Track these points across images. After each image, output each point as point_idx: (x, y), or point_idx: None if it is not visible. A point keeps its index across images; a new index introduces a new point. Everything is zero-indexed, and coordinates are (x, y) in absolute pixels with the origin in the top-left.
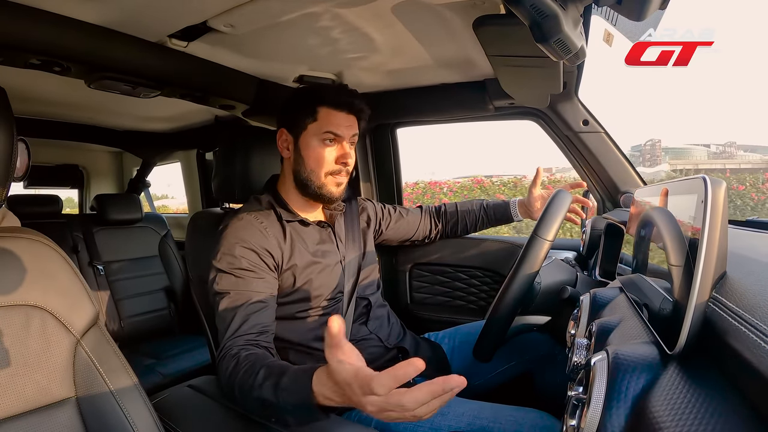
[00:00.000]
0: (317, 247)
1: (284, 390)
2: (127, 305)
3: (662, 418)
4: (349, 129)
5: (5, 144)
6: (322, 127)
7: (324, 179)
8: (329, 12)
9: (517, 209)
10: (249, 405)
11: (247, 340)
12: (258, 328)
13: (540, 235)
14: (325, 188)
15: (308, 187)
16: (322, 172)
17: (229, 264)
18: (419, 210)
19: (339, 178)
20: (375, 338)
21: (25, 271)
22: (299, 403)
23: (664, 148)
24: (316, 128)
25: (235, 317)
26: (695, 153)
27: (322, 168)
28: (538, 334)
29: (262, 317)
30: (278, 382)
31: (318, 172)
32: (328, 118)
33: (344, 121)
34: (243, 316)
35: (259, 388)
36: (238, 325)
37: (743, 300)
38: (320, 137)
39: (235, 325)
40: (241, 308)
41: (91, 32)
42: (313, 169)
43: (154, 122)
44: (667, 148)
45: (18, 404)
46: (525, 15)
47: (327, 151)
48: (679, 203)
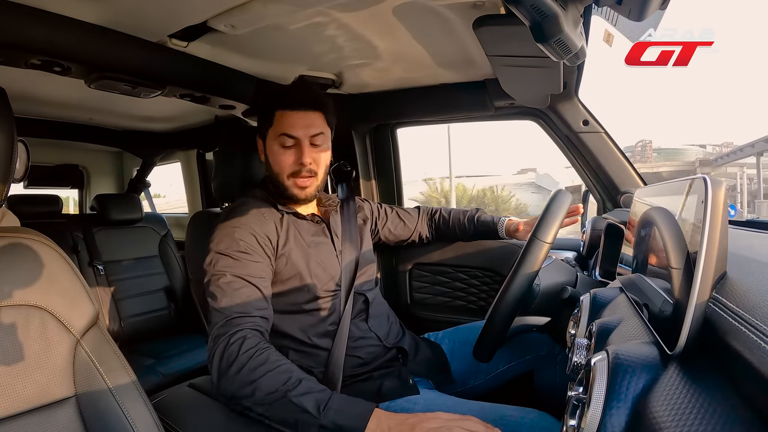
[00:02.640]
0: (312, 239)
1: (333, 410)
2: (127, 305)
3: (662, 418)
4: (308, 128)
5: (5, 144)
6: (277, 130)
7: (287, 182)
8: (329, 13)
9: (504, 230)
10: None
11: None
12: (259, 312)
13: (539, 238)
14: (289, 191)
15: (278, 188)
16: (284, 175)
17: (227, 246)
18: (417, 211)
19: (301, 181)
20: (374, 336)
21: (25, 271)
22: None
23: (657, 149)
24: (273, 132)
25: (231, 297)
26: (690, 154)
27: (284, 171)
28: (538, 334)
29: (258, 301)
30: (326, 401)
31: (281, 175)
32: (282, 120)
33: (300, 121)
34: (239, 297)
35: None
36: (232, 303)
37: (743, 300)
38: (278, 141)
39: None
40: (237, 290)
41: (91, 32)
42: (277, 173)
43: (154, 122)
44: (660, 148)
45: (18, 404)
46: (525, 15)
47: (286, 153)
48: (679, 203)
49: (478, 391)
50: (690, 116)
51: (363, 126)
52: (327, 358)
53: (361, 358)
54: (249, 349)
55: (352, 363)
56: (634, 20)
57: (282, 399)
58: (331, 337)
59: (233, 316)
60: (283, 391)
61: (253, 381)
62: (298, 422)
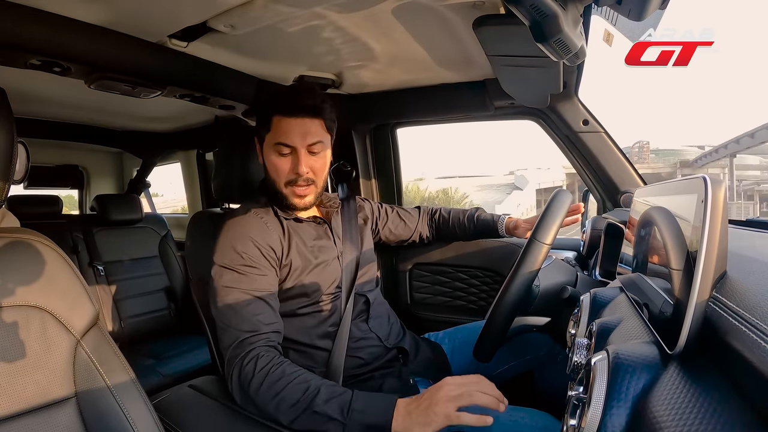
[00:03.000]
0: (314, 243)
1: (357, 412)
2: (128, 305)
3: (662, 417)
4: (305, 137)
5: (5, 144)
6: (274, 137)
7: (285, 190)
8: (329, 13)
9: (503, 227)
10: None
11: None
12: (270, 327)
13: (538, 239)
14: (287, 199)
15: (276, 196)
16: (281, 182)
17: (232, 260)
18: (417, 211)
19: (299, 189)
20: (374, 337)
21: (26, 272)
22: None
23: (655, 150)
24: (270, 139)
25: (241, 314)
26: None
27: (280, 179)
28: (538, 334)
29: (267, 316)
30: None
31: (278, 182)
32: (279, 127)
33: (297, 128)
34: (249, 313)
35: (322, 405)
36: (243, 321)
37: (744, 300)
38: (274, 148)
39: (240, 321)
40: (245, 306)
41: (91, 32)
42: (274, 180)
43: (154, 122)
44: (658, 149)
45: (18, 404)
46: (525, 15)
47: (281, 161)
48: (679, 203)
49: None
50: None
51: (363, 126)
52: (327, 358)
53: (362, 358)
54: (264, 367)
55: (352, 363)
56: (634, 20)
57: (306, 411)
58: (332, 338)
59: (244, 337)
60: (306, 402)
61: (273, 397)
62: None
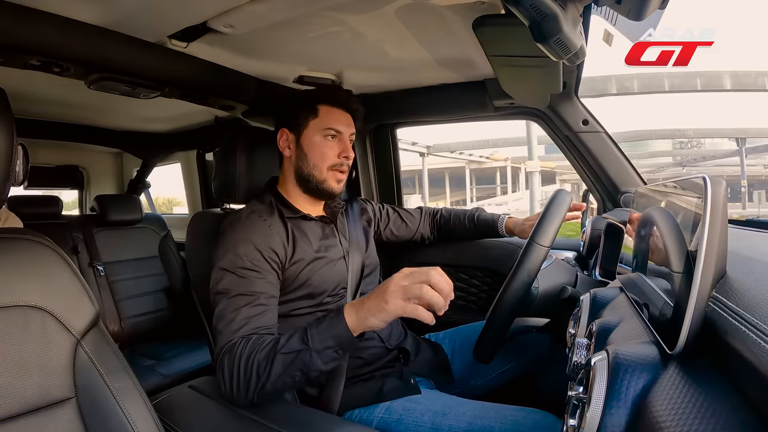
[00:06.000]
0: (320, 243)
1: (315, 334)
2: (128, 306)
3: (662, 417)
4: (348, 127)
5: (5, 144)
6: (324, 123)
7: (326, 173)
8: (329, 13)
9: (503, 227)
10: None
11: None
12: (262, 330)
13: (537, 242)
14: (326, 183)
15: (310, 182)
16: (324, 166)
17: (232, 263)
18: (419, 212)
19: (339, 174)
20: (376, 338)
21: (25, 272)
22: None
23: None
24: (317, 124)
25: (237, 318)
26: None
27: (325, 162)
28: (538, 334)
29: (264, 319)
30: (305, 332)
31: (321, 166)
32: (329, 114)
33: (344, 118)
34: (245, 317)
35: (286, 346)
36: (239, 325)
37: (743, 299)
38: (322, 133)
39: (237, 326)
40: (243, 309)
41: (91, 32)
42: (316, 164)
43: (153, 122)
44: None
45: (18, 405)
46: (525, 15)
47: (329, 145)
48: (679, 203)
49: (478, 391)
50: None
51: (363, 126)
52: None
53: (364, 358)
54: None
55: (354, 363)
56: (634, 20)
57: (276, 358)
58: None
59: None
60: (273, 352)
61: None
62: (301, 363)
